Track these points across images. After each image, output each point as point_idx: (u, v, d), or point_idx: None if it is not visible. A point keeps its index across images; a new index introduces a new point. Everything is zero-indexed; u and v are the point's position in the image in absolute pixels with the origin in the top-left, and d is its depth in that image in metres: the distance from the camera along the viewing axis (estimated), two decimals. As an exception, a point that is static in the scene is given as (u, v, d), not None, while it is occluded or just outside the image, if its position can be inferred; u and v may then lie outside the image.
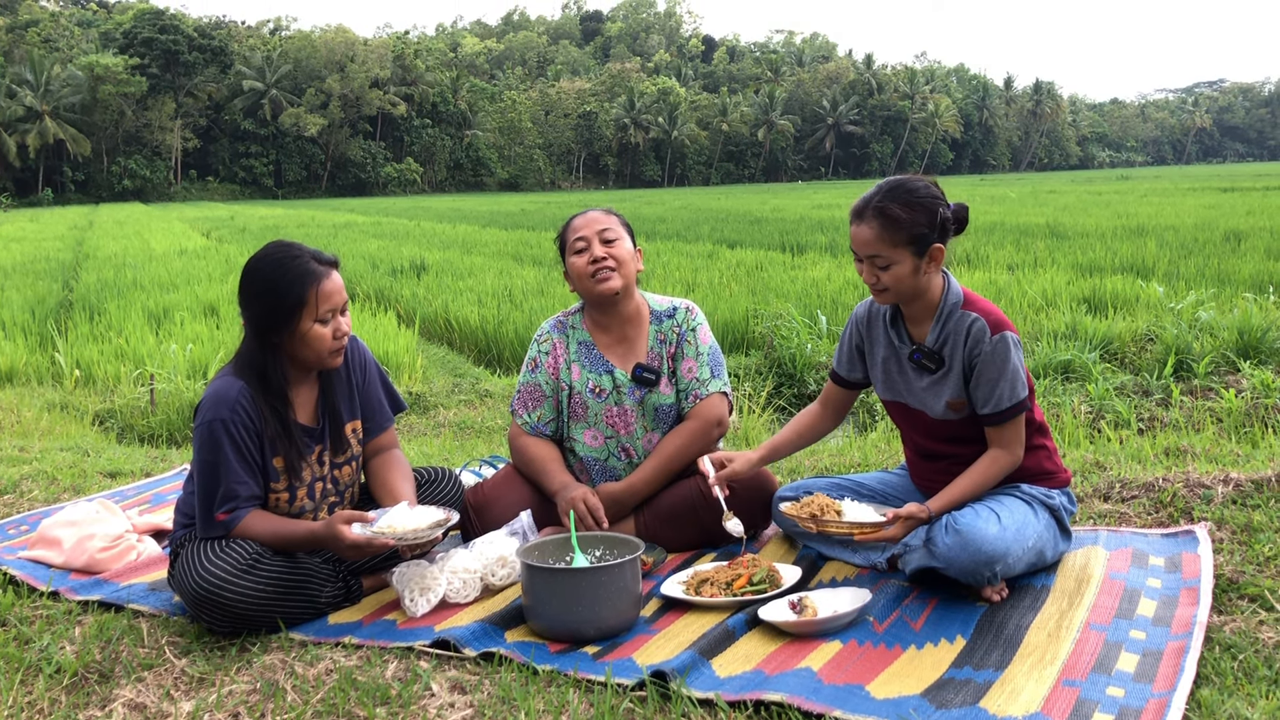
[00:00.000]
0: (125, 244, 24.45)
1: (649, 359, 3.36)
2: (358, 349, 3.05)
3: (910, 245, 2.73)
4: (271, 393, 2.78)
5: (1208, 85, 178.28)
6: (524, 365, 3.45)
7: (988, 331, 2.77)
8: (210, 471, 2.72)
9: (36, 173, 72.97)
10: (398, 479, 3.01)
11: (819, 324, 9.67)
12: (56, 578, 3.12)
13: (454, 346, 11.37)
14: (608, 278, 3.24)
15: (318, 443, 2.92)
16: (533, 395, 3.39)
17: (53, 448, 5.35)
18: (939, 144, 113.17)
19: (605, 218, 3.33)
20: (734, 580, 2.81)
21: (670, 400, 3.35)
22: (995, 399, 2.78)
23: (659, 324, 3.39)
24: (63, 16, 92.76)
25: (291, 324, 2.73)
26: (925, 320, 2.89)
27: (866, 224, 2.75)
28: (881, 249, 2.74)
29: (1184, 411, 6.35)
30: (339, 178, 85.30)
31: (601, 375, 3.35)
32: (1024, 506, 2.80)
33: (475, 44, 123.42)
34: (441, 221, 33.89)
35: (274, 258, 2.76)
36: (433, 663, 2.46)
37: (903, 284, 2.78)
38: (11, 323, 11.13)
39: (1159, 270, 12.64)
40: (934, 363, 2.86)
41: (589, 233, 3.27)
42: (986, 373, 2.78)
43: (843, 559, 3.08)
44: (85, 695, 2.36)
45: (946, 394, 2.85)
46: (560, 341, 3.41)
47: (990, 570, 2.64)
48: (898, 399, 3.01)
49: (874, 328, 3.05)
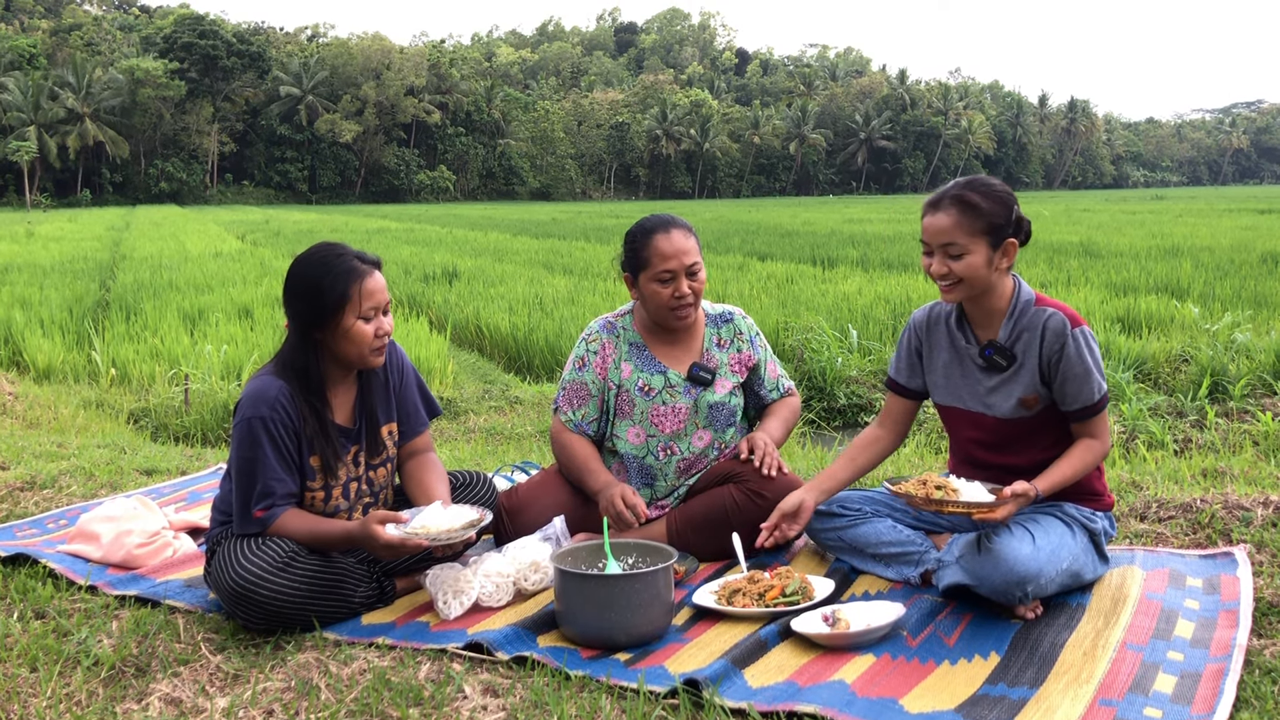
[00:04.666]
0: (161, 245, 24.73)
1: (704, 359, 3.38)
2: (396, 353, 3.09)
3: (987, 235, 2.74)
4: (311, 391, 2.82)
5: (1245, 106, 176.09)
6: (569, 363, 3.44)
7: (1068, 325, 2.76)
8: (248, 468, 2.75)
9: (76, 174, 74.00)
10: (434, 481, 3.03)
11: (850, 338, 9.63)
12: (95, 572, 3.15)
13: (484, 353, 11.42)
14: (687, 315, 3.28)
15: (354, 443, 2.95)
16: (578, 393, 3.38)
17: (90, 444, 5.41)
18: (972, 160, 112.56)
19: (691, 244, 3.24)
20: (767, 591, 2.81)
21: (723, 399, 3.36)
22: (1086, 393, 2.77)
23: (715, 328, 3.44)
24: (105, 20, 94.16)
25: (335, 320, 2.77)
26: (994, 320, 2.87)
27: (943, 212, 2.76)
28: (958, 236, 2.73)
29: (1219, 434, 6.28)
30: (372, 184, 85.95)
31: (653, 375, 3.35)
32: (1062, 528, 2.78)
33: (510, 54, 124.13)
34: (473, 229, 34.07)
35: (319, 256, 2.82)
36: (465, 665, 2.47)
37: (976, 275, 2.76)
38: (50, 321, 11.28)
39: (1194, 291, 12.51)
40: (1006, 359, 2.83)
41: (677, 266, 3.20)
42: (1073, 369, 2.76)
43: (875, 573, 3.06)
44: (122, 689, 2.38)
45: (1018, 391, 2.83)
46: (610, 342, 3.40)
47: (1022, 590, 2.62)
48: (956, 404, 2.98)
49: (934, 331, 3.03)
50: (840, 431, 7.40)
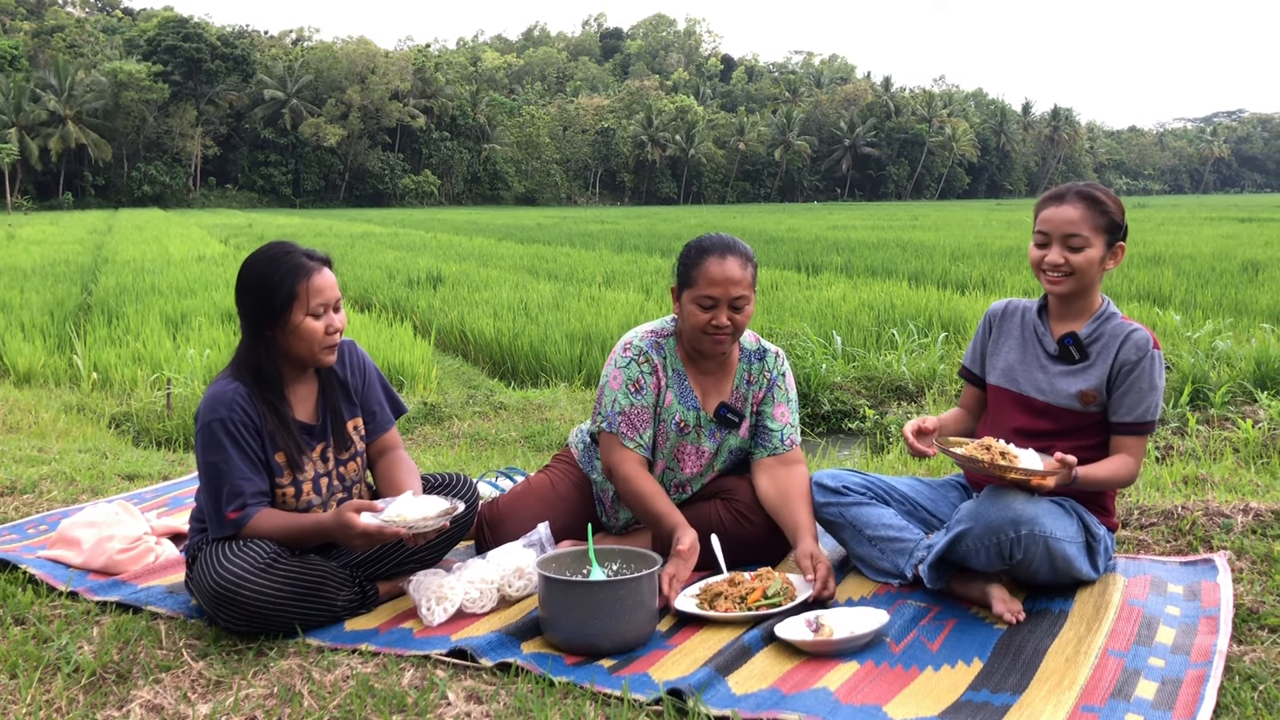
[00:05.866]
0: (144, 249, 24.60)
1: (733, 399, 3.24)
2: (356, 353, 3.10)
3: (1106, 233, 2.86)
4: (267, 388, 2.83)
5: (1226, 115, 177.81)
6: (620, 382, 3.17)
7: (1150, 342, 2.87)
8: (215, 472, 2.76)
9: (58, 176, 73.61)
10: (405, 477, 3.04)
11: (834, 344, 9.66)
12: (75, 578, 3.13)
13: (469, 358, 11.40)
14: (721, 343, 3.10)
15: (320, 440, 2.95)
16: (641, 418, 3.15)
17: (71, 449, 5.38)
18: (955, 168, 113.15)
19: (743, 276, 3.04)
20: (749, 594, 2.81)
21: (744, 444, 3.27)
22: (1142, 409, 2.85)
23: (748, 364, 3.27)
24: (88, 22, 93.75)
25: (283, 317, 2.78)
26: (1077, 319, 2.96)
27: (1070, 204, 2.87)
28: (1084, 229, 2.84)
29: (1200, 441, 6.32)
30: (357, 188, 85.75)
31: (689, 411, 3.21)
32: (1063, 511, 2.81)
33: (495, 58, 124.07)
34: (458, 234, 34.03)
35: (268, 254, 2.84)
36: (449, 672, 2.46)
37: (1090, 269, 2.86)
38: (31, 324, 11.21)
39: (1176, 299, 12.61)
40: (1080, 353, 2.92)
41: (721, 294, 3.01)
42: (1140, 382, 2.85)
43: (868, 559, 3.07)
44: (103, 695, 2.37)
45: (1082, 384, 2.90)
46: (660, 363, 3.20)
47: (1014, 530, 2.64)
48: (1009, 386, 3.04)
49: (1009, 320, 3.11)
50: (824, 438, 7.41)
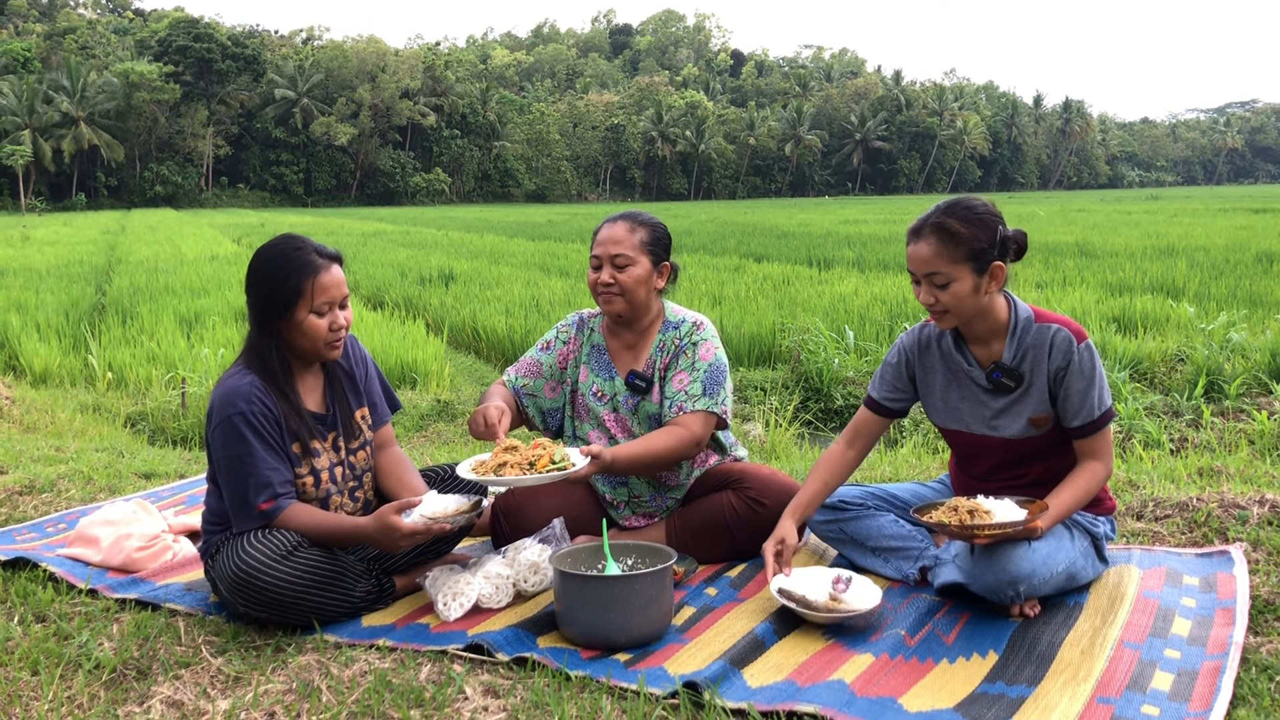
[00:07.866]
0: (157, 249, 24.71)
1: (644, 366, 3.33)
2: (356, 347, 3.13)
3: (970, 262, 2.67)
4: (275, 379, 2.83)
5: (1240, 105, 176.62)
6: (539, 341, 3.50)
7: (1073, 340, 2.72)
8: (238, 465, 2.74)
9: (71, 177, 73.94)
10: (405, 472, 3.09)
11: (846, 339, 9.65)
12: (95, 575, 3.16)
13: (481, 355, 11.43)
14: (610, 301, 3.26)
15: (330, 430, 2.96)
16: (531, 369, 3.44)
17: (88, 448, 5.41)
18: (967, 161, 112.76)
19: (626, 236, 3.23)
20: (536, 460, 2.81)
21: (660, 409, 3.32)
22: (1088, 408, 2.73)
23: (664, 334, 3.34)
24: (100, 24, 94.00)
25: (288, 313, 2.79)
26: (993, 340, 2.81)
27: (924, 241, 2.69)
28: (940, 265, 2.67)
29: (1215, 433, 6.30)
30: (368, 187, 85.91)
31: (605, 380, 3.37)
32: (1063, 531, 2.78)
33: (505, 56, 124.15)
34: (469, 231, 34.07)
35: (278, 249, 2.83)
36: (466, 666, 2.47)
37: (963, 303, 2.70)
38: (46, 325, 11.28)
39: (1189, 291, 12.56)
40: (1014, 380, 2.78)
41: (603, 253, 3.24)
42: (1076, 383, 2.72)
43: (874, 569, 3.07)
44: (124, 691, 2.39)
45: (1028, 411, 2.78)
46: (576, 339, 3.44)
47: (1014, 589, 2.63)
48: (960, 427, 2.92)
49: (927, 354, 2.96)
50: (837, 433, 7.41)
